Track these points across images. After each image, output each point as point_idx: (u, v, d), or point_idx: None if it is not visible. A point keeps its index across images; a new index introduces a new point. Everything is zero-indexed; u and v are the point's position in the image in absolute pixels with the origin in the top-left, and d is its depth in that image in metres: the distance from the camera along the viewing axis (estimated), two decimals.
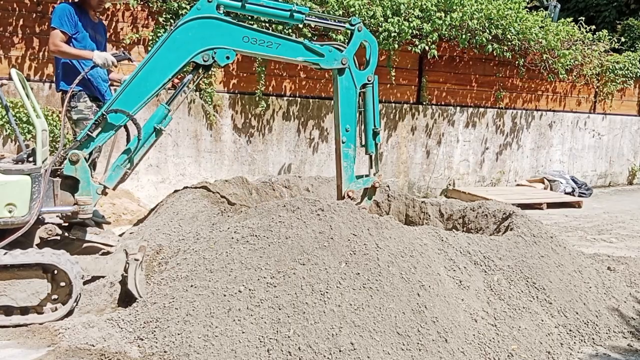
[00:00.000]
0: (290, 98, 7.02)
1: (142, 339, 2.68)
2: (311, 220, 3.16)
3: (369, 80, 4.00)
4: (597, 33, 9.49)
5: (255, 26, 3.62)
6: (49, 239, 3.40)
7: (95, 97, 4.19)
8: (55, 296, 2.95)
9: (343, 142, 3.98)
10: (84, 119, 4.04)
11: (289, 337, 2.58)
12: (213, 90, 6.32)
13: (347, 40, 3.97)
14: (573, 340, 3.11)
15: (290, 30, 6.37)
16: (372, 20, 6.82)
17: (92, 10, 4.16)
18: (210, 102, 6.29)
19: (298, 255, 2.94)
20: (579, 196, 8.72)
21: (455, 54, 8.21)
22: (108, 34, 5.74)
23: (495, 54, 7.99)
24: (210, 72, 5.65)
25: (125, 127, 3.51)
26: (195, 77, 3.57)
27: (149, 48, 5.87)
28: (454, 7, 7.28)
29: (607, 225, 6.54)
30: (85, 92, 4.09)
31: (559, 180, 9.00)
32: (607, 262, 4.47)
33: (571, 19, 9.09)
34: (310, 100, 7.16)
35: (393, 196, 5.34)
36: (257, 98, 6.62)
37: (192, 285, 2.88)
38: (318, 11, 6.33)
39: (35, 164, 3.08)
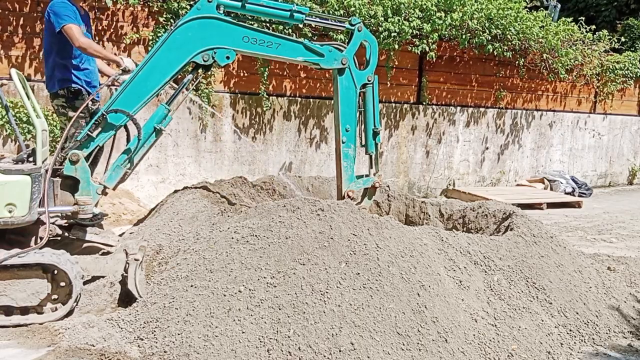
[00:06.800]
0: (291, 98, 7.02)
1: (142, 339, 2.68)
2: (311, 220, 3.16)
3: (369, 80, 4.00)
4: (597, 33, 9.49)
5: (255, 26, 3.62)
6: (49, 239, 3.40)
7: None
8: (55, 296, 2.95)
9: (343, 142, 3.98)
10: (82, 118, 4.03)
11: (289, 337, 2.58)
12: (211, 90, 6.31)
13: (347, 40, 3.97)
14: (573, 340, 3.11)
15: (290, 30, 6.36)
16: (372, 19, 6.82)
17: (81, 2, 4.16)
18: (208, 102, 6.27)
19: (298, 255, 2.94)
20: (579, 196, 8.72)
21: (455, 54, 8.20)
22: (108, 34, 5.78)
23: (495, 54, 7.99)
24: (209, 73, 5.64)
25: (125, 127, 3.51)
26: (195, 77, 3.57)
27: (149, 48, 5.87)
28: (454, 7, 7.27)
29: (607, 225, 6.54)
30: (85, 92, 4.09)
31: (559, 180, 9.00)
32: (607, 262, 4.47)
33: (571, 18, 9.09)
34: (311, 100, 7.16)
35: (393, 196, 5.33)
36: (262, 97, 6.62)
37: (192, 285, 2.88)
38: (318, 11, 6.32)
39: (35, 164, 3.07)
